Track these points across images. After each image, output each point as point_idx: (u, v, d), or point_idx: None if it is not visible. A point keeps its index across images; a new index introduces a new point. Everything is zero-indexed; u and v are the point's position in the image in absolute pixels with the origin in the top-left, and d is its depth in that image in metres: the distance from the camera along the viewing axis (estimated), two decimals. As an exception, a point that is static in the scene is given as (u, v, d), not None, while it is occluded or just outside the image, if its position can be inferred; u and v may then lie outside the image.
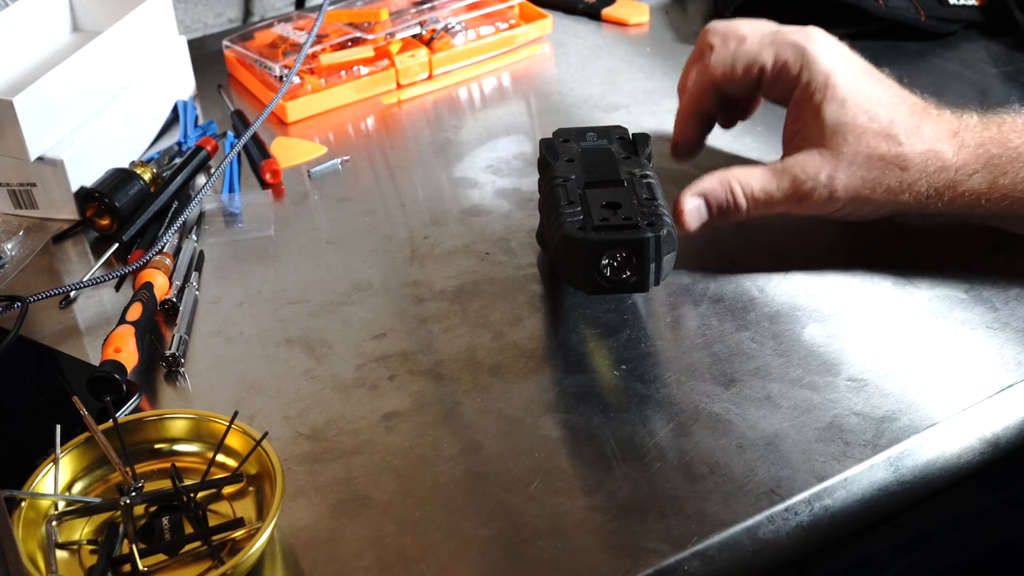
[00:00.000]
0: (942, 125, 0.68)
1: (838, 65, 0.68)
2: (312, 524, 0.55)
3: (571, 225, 0.63)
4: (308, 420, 0.61)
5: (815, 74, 0.68)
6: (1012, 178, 0.66)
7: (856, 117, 0.67)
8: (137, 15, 0.87)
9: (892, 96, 0.68)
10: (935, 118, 0.68)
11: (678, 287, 0.70)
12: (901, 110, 0.68)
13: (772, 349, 0.65)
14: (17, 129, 0.76)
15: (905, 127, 0.67)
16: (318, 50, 0.95)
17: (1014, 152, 0.66)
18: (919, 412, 0.60)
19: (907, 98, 0.69)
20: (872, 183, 0.67)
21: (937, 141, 0.67)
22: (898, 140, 0.67)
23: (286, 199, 0.83)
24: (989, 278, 0.69)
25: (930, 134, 0.67)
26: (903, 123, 0.67)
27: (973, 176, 0.67)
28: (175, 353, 0.66)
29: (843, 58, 0.69)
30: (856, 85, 0.68)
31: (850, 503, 0.56)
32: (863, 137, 0.67)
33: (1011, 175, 0.66)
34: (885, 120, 0.67)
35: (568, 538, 0.53)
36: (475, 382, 0.64)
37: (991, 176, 0.66)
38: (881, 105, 0.67)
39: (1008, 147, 0.67)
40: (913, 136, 0.67)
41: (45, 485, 0.55)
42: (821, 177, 0.67)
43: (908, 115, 0.68)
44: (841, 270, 0.71)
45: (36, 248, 0.78)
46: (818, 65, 0.68)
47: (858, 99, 0.67)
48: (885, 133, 0.67)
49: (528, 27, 1.03)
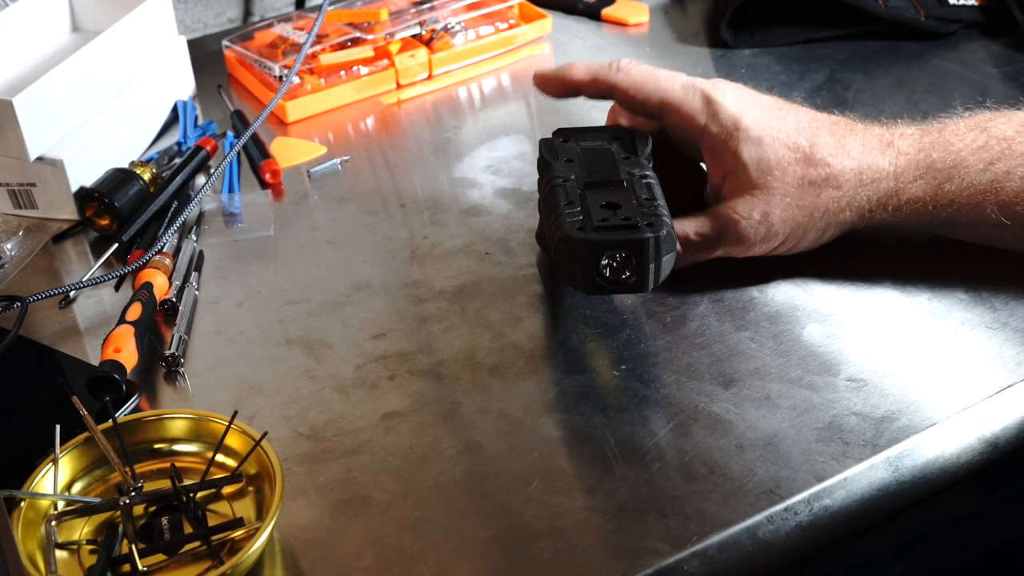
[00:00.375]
0: (870, 138, 0.68)
1: (744, 108, 0.68)
2: (312, 524, 0.55)
3: (571, 225, 0.63)
4: (308, 420, 0.61)
5: (723, 121, 0.67)
6: (958, 183, 0.66)
7: (776, 151, 0.66)
8: (137, 15, 0.87)
9: (809, 122, 0.68)
10: (861, 132, 0.68)
11: (678, 287, 0.70)
12: (821, 133, 0.67)
13: (772, 349, 0.65)
14: (17, 129, 0.76)
15: (829, 148, 0.67)
16: (318, 50, 0.95)
17: (956, 156, 0.66)
18: (918, 412, 0.60)
19: (825, 120, 0.69)
20: (808, 209, 0.67)
21: (867, 154, 0.67)
22: (825, 162, 0.66)
23: (286, 199, 0.83)
24: (989, 278, 0.69)
25: (858, 149, 0.67)
26: (826, 145, 0.67)
27: (915, 182, 0.66)
28: (175, 353, 0.66)
29: (748, 102, 0.68)
30: (767, 122, 0.67)
31: (849, 503, 0.56)
32: (788, 168, 0.66)
33: (956, 180, 0.66)
34: (807, 146, 0.67)
35: (568, 538, 0.53)
36: (475, 382, 0.64)
37: (935, 182, 0.66)
38: (799, 134, 0.67)
39: (950, 151, 0.66)
40: (839, 154, 0.67)
41: (45, 485, 0.55)
42: (755, 215, 0.66)
43: (829, 136, 0.67)
44: (841, 270, 0.71)
45: (36, 248, 0.78)
46: (725, 112, 0.67)
47: (774, 134, 0.67)
48: (809, 159, 0.66)
49: (528, 27, 1.03)
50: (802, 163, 0.66)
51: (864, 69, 0.95)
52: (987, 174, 0.65)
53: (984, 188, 0.65)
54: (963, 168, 0.66)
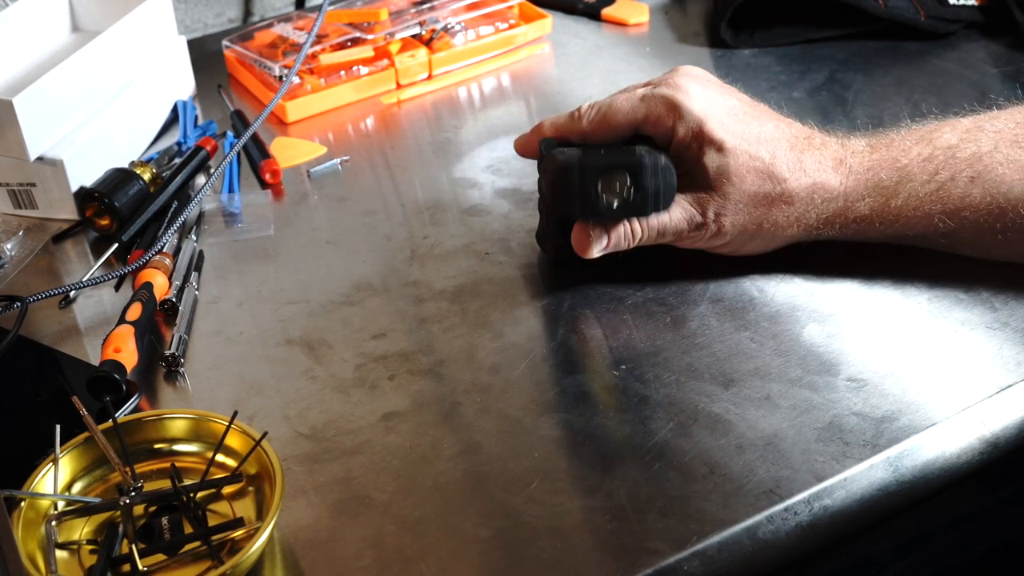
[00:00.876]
0: (826, 155, 0.68)
1: (710, 110, 0.68)
2: (312, 524, 0.55)
3: (567, 157, 0.63)
4: (308, 420, 0.61)
5: (689, 124, 0.67)
6: (904, 199, 0.67)
7: (736, 159, 0.67)
8: (137, 15, 0.87)
9: (772, 131, 0.68)
10: (818, 148, 0.68)
11: (678, 287, 0.70)
12: (782, 146, 0.68)
13: (772, 349, 0.65)
14: (17, 129, 0.76)
15: (787, 163, 0.67)
16: (318, 50, 0.95)
17: (903, 172, 0.67)
18: (918, 412, 0.60)
19: (787, 131, 0.69)
20: (758, 220, 0.68)
21: (821, 172, 0.67)
22: (781, 178, 0.67)
23: (286, 199, 0.83)
24: (989, 278, 0.69)
25: (814, 167, 0.67)
26: (784, 160, 0.67)
27: (863, 200, 0.67)
28: (175, 353, 0.66)
29: (714, 102, 0.68)
30: (732, 127, 0.67)
31: (850, 503, 0.56)
32: (746, 178, 0.67)
33: (902, 196, 0.67)
34: (767, 158, 0.67)
35: (568, 538, 0.53)
36: (475, 382, 0.64)
37: (882, 199, 0.67)
38: (761, 143, 0.67)
39: (896, 168, 0.67)
40: (796, 171, 0.67)
41: (45, 485, 0.55)
42: (709, 213, 0.67)
43: (789, 150, 0.68)
44: (840, 270, 0.71)
45: (36, 248, 0.78)
46: (690, 115, 0.67)
47: (735, 141, 0.67)
48: (767, 172, 0.67)
49: (528, 27, 1.03)
50: (760, 175, 0.67)
51: (864, 69, 0.95)
52: (932, 184, 0.66)
53: (930, 198, 0.66)
54: (909, 183, 0.67)
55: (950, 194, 0.66)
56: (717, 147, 0.67)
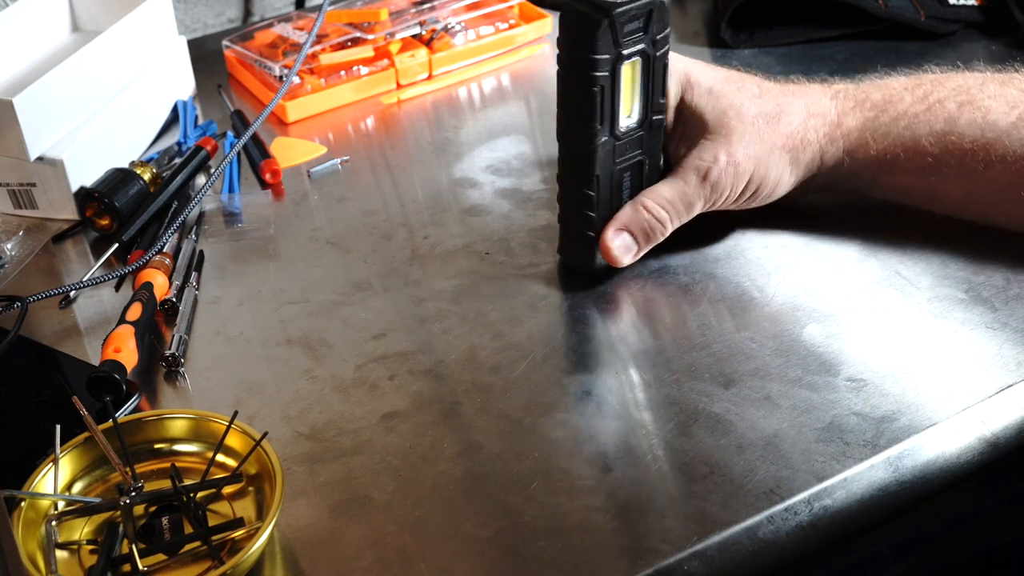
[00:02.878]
0: (812, 87, 0.72)
1: (691, 65, 0.71)
2: (312, 524, 0.55)
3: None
4: (308, 420, 0.61)
5: (676, 77, 0.70)
6: (893, 116, 0.69)
7: (729, 95, 0.69)
8: (137, 15, 0.87)
9: (752, 77, 0.72)
10: (803, 82, 0.72)
11: (678, 287, 0.70)
12: (767, 83, 0.72)
13: (772, 349, 0.65)
14: (17, 129, 0.76)
15: (775, 89, 0.71)
16: (318, 50, 0.95)
17: (892, 92, 0.71)
18: (919, 412, 0.60)
19: (767, 79, 0.73)
20: (768, 143, 0.69)
21: (810, 93, 0.71)
22: (775, 99, 0.70)
23: (286, 199, 0.83)
24: (989, 278, 0.69)
25: (801, 91, 0.71)
26: (772, 87, 0.71)
27: (854, 112, 0.70)
28: (175, 353, 0.66)
29: (693, 61, 0.72)
30: (715, 74, 0.71)
31: (850, 503, 0.56)
32: (743, 107, 0.69)
33: (891, 113, 0.69)
34: (755, 88, 0.71)
35: (568, 538, 0.53)
36: (475, 382, 0.64)
37: (872, 113, 0.70)
38: (745, 81, 0.71)
39: (885, 88, 0.71)
40: (787, 94, 0.71)
41: (45, 485, 0.55)
42: (721, 157, 0.68)
43: (773, 83, 0.72)
44: (841, 270, 0.71)
45: (36, 248, 0.78)
46: (675, 72, 0.70)
47: (723, 85, 0.70)
48: (760, 96, 0.70)
49: (528, 27, 1.03)
50: (755, 100, 0.70)
51: (864, 69, 0.95)
52: (921, 105, 0.69)
53: (919, 119, 0.68)
54: (898, 102, 0.69)
55: (937, 116, 0.68)
56: (707, 90, 0.69)
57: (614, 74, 0.66)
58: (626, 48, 0.65)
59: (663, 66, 0.68)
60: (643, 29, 0.66)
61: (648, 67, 0.67)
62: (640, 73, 0.67)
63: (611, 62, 0.65)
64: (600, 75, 0.65)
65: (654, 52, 0.67)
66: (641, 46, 0.66)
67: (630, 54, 0.66)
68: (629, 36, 0.65)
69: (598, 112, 0.66)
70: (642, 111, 0.68)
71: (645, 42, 0.66)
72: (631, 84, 0.67)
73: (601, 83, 0.65)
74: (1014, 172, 0.66)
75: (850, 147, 0.70)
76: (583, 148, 0.67)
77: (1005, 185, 0.67)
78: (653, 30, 0.66)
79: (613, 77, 0.66)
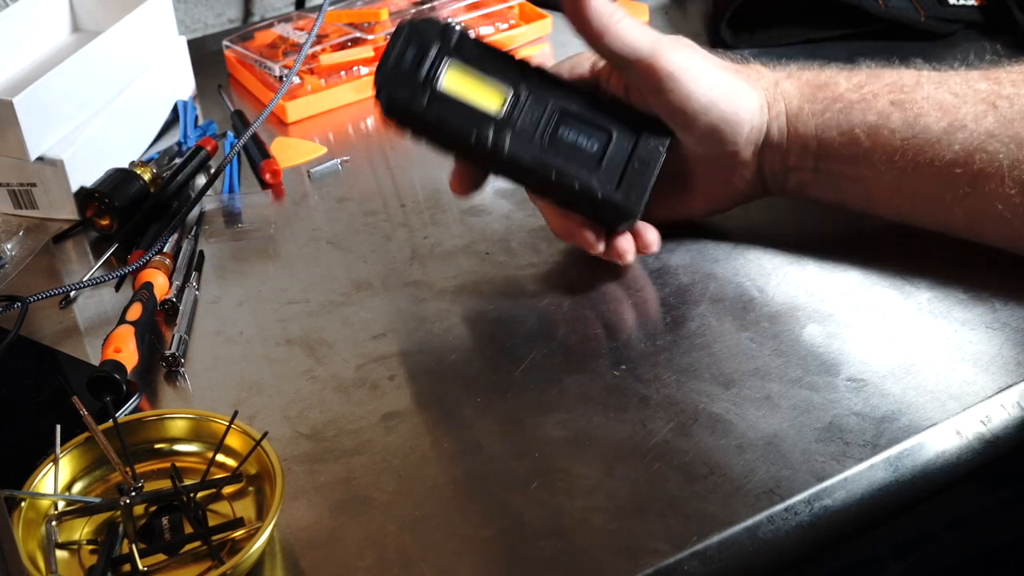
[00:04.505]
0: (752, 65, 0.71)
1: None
2: (312, 524, 0.55)
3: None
4: (308, 420, 0.61)
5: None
6: (831, 93, 0.68)
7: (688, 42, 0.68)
8: (137, 15, 0.87)
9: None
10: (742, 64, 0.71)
11: (678, 287, 0.70)
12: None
13: (772, 349, 0.65)
14: (17, 129, 0.76)
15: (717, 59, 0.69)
16: (318, 50, 0.95)
17: (827, 76, 0.69)
18: (919, 412, 0.60)
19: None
20: (719, 63, 0.68)
21: (753, 69, 0.70)
22: (722, 58, 0.69)
23: (286, 199, 0.83)
24: (989, 278, 0.69)
25: (743, 66, 0.70)
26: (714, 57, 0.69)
27: (790, 80, 0.69)
28: (175, 353, 0.66)
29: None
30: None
31: (850, 503, 0.56)
32: (687, 49, 0.67)
33: (830, 88, 0.68)
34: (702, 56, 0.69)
35: (568, 538, 0.53)
36: (475, 382, 0.64)
37: (809, 90, 0.69)
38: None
39: (821, 71, 0.70)
40: (731, 61, 0.70)
41: (45, 485, 0.55)
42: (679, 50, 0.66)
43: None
44: (841, 270, 0.71)
45: (36, 248, 0.78)
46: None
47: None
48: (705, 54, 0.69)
49: (528, 27, 1.03)
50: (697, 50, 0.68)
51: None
52: (855, 93, 0.68)
53: (853, 107, 0.67)
54: (834, 84, 0.69)
55: (871, 107, 0.67)
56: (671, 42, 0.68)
57: (441, 99, 0.66)
58: (432, 71, 0.66)
59: (475, 41, 0.67)
60: (435, 49, 0.66)
61: (469, 54, 0.66)
62: (469, 66, 0.66)
63: (426, 93, 0.66)
64: (428, 108, 0.66)
65: (458, 45, 0.66)
66: (443, 57, 0.66)
67: (439, 71, 0.66)
68: (421, 65, 0.66)
69: (463, 130, 0.66)
70: (504, 84, 0.67)
71: (442, 51, 0.66)
72: (468, 82, 0.66)
73: (436, 111, 0.66)
74: (941, 178, 0.65)
75: (791, 112, 0.68)
76: (493, 156, 0.66)
77: (932, 189, 0.66)
78: (439, 45, 0.66)
79: (443, 100, 0.66)
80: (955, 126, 0.65)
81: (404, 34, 0.66)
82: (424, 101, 0.66)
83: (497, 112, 0.66)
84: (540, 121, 0.67)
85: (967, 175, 0.65)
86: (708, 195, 0.72)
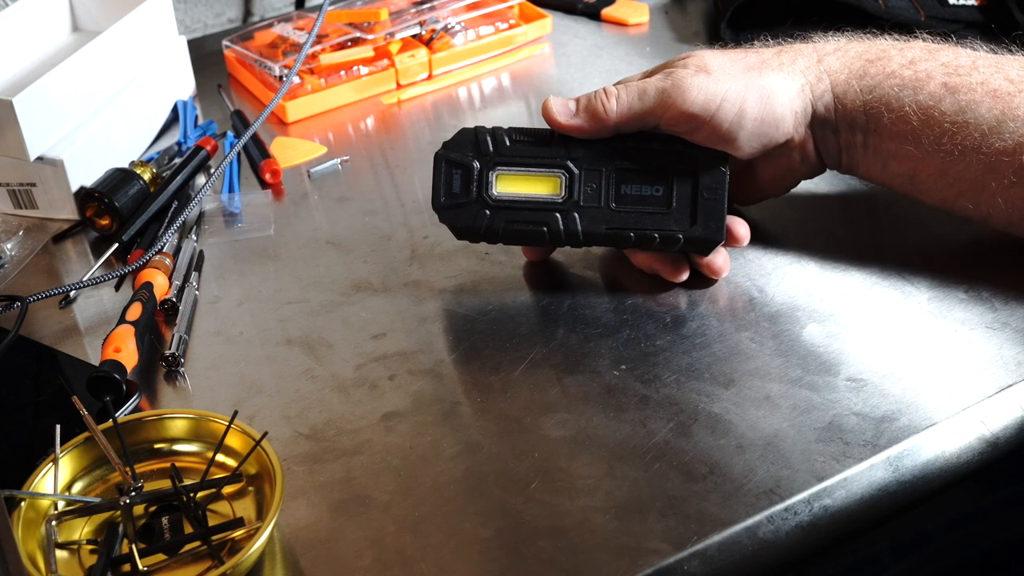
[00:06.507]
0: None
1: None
2: (312, 524, 0.55)
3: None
4: (308, 420, 0.61)
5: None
6: (881, 68, 0.68)
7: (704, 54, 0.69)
8: (137, 15, 0.87)
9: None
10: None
11: (678, 287, 0.70)
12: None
13: (772, 349, 0.65)
14: (17, 129, 0.76)
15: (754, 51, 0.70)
16: (318, 50, 0.95)
17: (879, 49, 0.69)
18: (919, 412, 0.60)
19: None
20: (756, 86, 0.67)
21: (793, 48, 0.70)
22: (755, 53, 0.70)
23: (286, 199, 0.83)
24: (989, 278, 0.69)
25: (782, 49, 0.71)
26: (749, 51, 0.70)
27: (835, 55, 0.69)
28: (175, 353, 0.66)
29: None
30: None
31: (850, 503, 0.56)
32: (718, 57, 0.68)
33: (880, 63, 0.68)
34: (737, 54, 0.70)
35: (568, 538, 0.53)
36: (475, 382, 0.64)
37: (859, 64, 0.69)
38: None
39: (872, 44, 0.70)
40: (765, 50, 0.70)
41: (45, 485, 0.55)
42: (691, 64, 0.67)
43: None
44: (841, 270, 0.71)
45: (36, 248, 0.78)
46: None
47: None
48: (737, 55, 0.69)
49: (528, 27, 1.03)
50: (731, 55, 0.69)
51: (864, 69, 0.95)
52: (908, 70, 0.67)
53: (904, 83, 0.67)
54: (886, 60, 0.68)
55: (923, 87, 0.67)
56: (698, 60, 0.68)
57: (501, 206, 0.68)
58: (482, 187, 0.68)
59: (508, 135, 0.69)
60: (476, 164, 0.68)
61: (510, 153, 0.68)
62: (514, 167, 0.68)
63: (486, 209, 0.68)
64: (493, 221, 0.68)
65: (496, 149, 0.68)
66: (486, 169, 0.68)
67: (488, 183, 0.68)
68: (469, 185, 0.68)
69: (534, 226, 0.68)
70: (555, 168, 0.68)
71: (483, 163, 0.68)
72: (520, 181, 0.68)
73: (502, 220, 0.68)
74: (988, 165, 0.65)
75: (838, 89, 0.68)
76: (570, 238, 0.68)
77: (977, 176, 0.66)
78: (477, 157, 0.68)
79: (504, 206, 0.68)
80: (1007, 115, 0.65)
81: (442, 163, 0.68)
82: (487, 216, 0.68)
83: (557, 195, 0.67)
84: (600, 189, 0.68)
85: (1014, 165, 0.65)
86: (773, 179, 0.72)
